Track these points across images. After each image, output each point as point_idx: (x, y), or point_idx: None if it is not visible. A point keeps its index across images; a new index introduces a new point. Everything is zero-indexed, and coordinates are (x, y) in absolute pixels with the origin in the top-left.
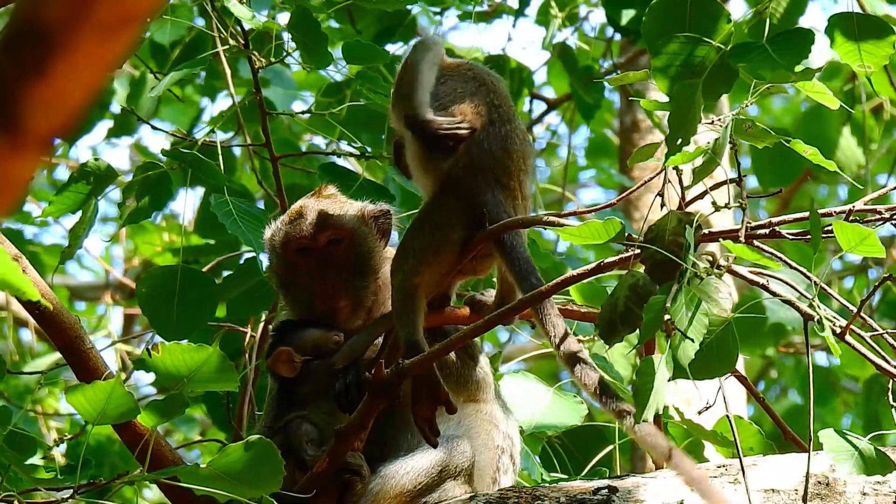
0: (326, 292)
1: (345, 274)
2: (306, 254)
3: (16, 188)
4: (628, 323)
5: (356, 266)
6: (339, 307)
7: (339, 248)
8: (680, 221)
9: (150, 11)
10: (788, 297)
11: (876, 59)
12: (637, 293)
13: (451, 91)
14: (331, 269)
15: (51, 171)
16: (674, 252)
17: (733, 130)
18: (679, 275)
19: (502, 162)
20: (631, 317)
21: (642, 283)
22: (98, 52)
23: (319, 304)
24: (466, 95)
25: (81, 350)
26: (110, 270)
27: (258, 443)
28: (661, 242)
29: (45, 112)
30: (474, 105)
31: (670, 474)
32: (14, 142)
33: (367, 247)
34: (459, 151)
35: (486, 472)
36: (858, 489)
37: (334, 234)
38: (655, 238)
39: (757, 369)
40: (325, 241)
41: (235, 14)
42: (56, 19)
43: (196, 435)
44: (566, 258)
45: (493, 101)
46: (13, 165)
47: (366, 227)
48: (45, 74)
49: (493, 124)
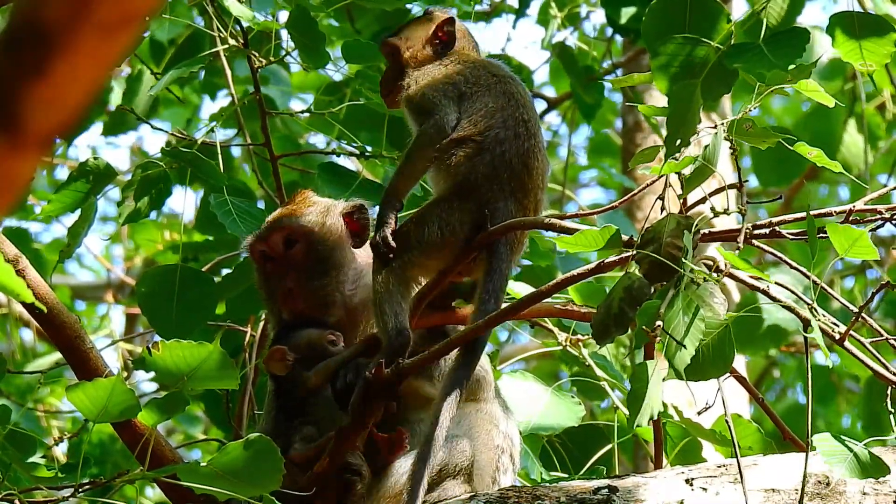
0: (284, 297)
1: (303, 277)
2: (270, 261)
3: (16, 188)
4: (621, 325)
5: (315, 266)
6: (298, 310)
7: (298, 251)
8: (679, 224)
9: (150, 11)
10: (788, 303)
11: (877, 57)
12: (631, 295)
13: (483, 107)
14: (289, 273)
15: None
16: (671, 255)
17: (734, 131)
18: (676, 280)
19: (521, 177)
20: (624, 319)
21: (637, 286)
22: (98, 52)
23: (282, 308)
24: (497, 111)
25: (81, 350)
26: (111, 269)
27: (258, 441)
28: (659, 244)
29: (45, 112)
30: (503, 119)
31: (671, 474)
32: (14, 142)
33: (329, 244)
34: (484, 160)
35: (486, 472)
36: (858, 489)
37: (288, 235)
38: (653, 239)
39: (759, 369)
40: (281, 245)
41: (234, 13)
42: (56, 19)
43: (198, 433)
44: (566, 258)
45: (522, 116)
46: (13, 165)
47: (327, 225)
48: (45, 74)
49: (519, 138)
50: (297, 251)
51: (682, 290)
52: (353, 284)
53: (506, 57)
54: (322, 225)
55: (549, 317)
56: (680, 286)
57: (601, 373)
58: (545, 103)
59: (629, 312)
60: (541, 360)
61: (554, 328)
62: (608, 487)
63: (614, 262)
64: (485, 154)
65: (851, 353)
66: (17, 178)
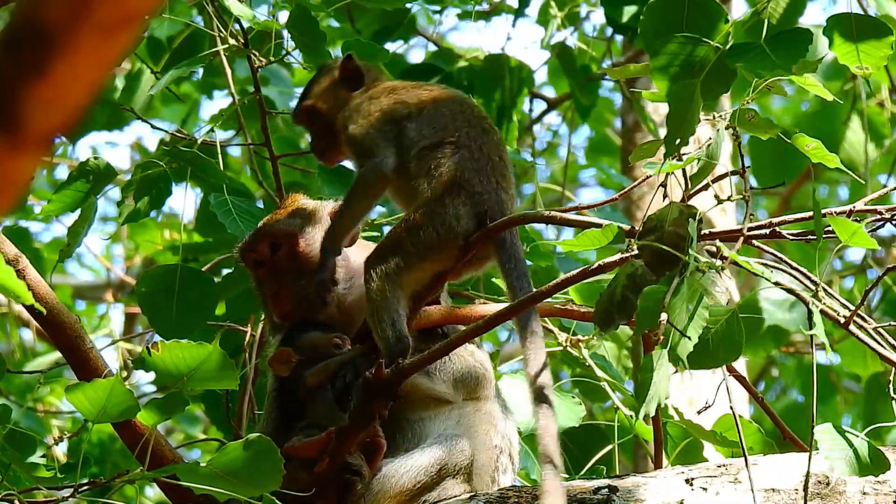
0: (272, 299)
1: (289, 278)
2: (261, 266)
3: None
4: (624, 311)
5: (302, 267)
6: (286, 311)
7: (283, 255)
8: (682, 213)
9: (150, 11)
10: (791, 287)
11: (874, 59)
12: (635, 282)
13: (441, 115)
14: (277, 275)
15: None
16: (674, 244)
17: (736, 121)
18: (681, 267)
19: (500, 169)
20: (627, 305)
21: (640, 273)
22: (98, 52)
23: (273, 311)
24: (457, 113)
25: (81, 349)
26: (111, 269)
27: (258, 441)
28: (661, 232)
29: (45, 112)
30: (466, 118)
31: (671, 474)
32: (14, 141)
33: (314, 246)
34: (466, 156)
35: (485, 472)
36: (858, 489)
37: (272, 241)
38: (655, 228)
39: (758, 369)
40: (267, 251)
41: (235, 13)
42: (56, 19)
43: (198, 433)
44: (565, 258)
45: (479, 114)
46: (13, 165)
47: (313, 224)
48: (45, 74)
49: (487, 133)
50: (283, 255)
51: (686, 278)
52: (347, 283)
53: (505, 56)
54: (305, 227)
55: (549, 317)
56: (685, 273)
57: (602, 373)
58: (545, 103)
59: (632, 299)
60: None
61: (554, 328)
62: (608, 487)
63: (615, 262)
64: (464, 150)
65: (856, 335)
66: (17, 177)
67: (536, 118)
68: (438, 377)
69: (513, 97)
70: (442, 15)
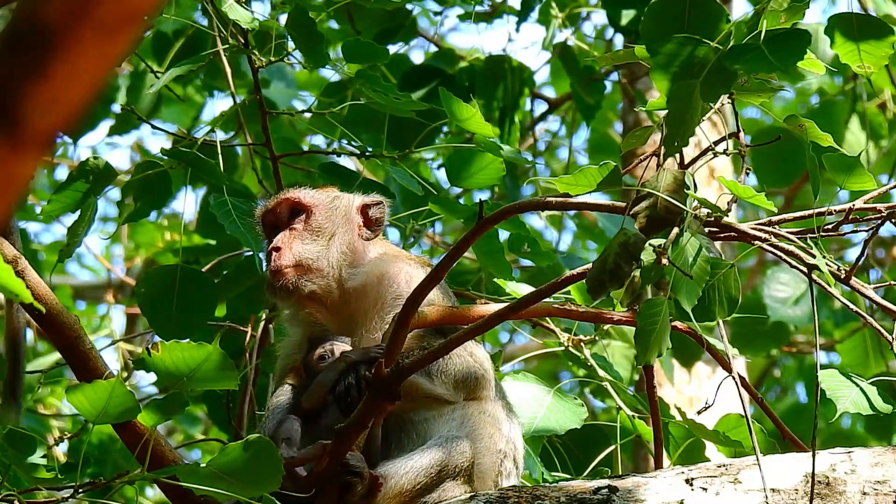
0: (272, 255)
1: (296, 239)
2: (275, 230)
3: (16, 188)
4: (616, 279)
5: (312, 235)
6: (282, 269)
7: (300, 220)
8: (675, 178)
9: (150, 10)
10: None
11: (875, 59)
12: (627, 250)
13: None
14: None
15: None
16: (669, 208)
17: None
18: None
19: None
20: (619, 273)
21: (633, 241)
22: (98, 52)
23: (268, 270)
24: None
25: (81, 350)
26: (111, 269)
27: (258, 442)
28: (655, 199)
29: (45, 112)
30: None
31: (671, 474)
32: (15, 141)
33: (333, 223)
34: None
35: (488, 476)
36: (858, 489)
37: (294, 205)
38: (649, 195)
39: (759, 370)
40: (286, 213)
41: (234, 18)
42: (56, 19)
43: (198, 433)
44: (566, 258)
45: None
46: (14, 165)
47: (335, 205)
48: (46, 74)
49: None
50: (300, 220)
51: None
52: (354, 269)
53: (507, 57)
54: (328, 203)
55: (549, 316)
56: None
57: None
58: (545, 104)
59: (624, 267)
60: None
61: (556, 328)
62: (608, 487)
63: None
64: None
65: (857, 290)
66: (17, 177)
67: (537, 118)
68: (438, 377)
69: (514, 98)
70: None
